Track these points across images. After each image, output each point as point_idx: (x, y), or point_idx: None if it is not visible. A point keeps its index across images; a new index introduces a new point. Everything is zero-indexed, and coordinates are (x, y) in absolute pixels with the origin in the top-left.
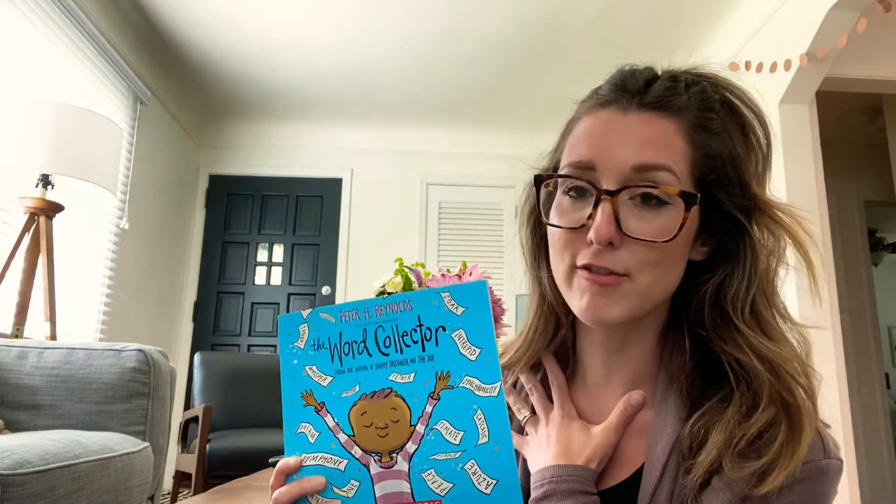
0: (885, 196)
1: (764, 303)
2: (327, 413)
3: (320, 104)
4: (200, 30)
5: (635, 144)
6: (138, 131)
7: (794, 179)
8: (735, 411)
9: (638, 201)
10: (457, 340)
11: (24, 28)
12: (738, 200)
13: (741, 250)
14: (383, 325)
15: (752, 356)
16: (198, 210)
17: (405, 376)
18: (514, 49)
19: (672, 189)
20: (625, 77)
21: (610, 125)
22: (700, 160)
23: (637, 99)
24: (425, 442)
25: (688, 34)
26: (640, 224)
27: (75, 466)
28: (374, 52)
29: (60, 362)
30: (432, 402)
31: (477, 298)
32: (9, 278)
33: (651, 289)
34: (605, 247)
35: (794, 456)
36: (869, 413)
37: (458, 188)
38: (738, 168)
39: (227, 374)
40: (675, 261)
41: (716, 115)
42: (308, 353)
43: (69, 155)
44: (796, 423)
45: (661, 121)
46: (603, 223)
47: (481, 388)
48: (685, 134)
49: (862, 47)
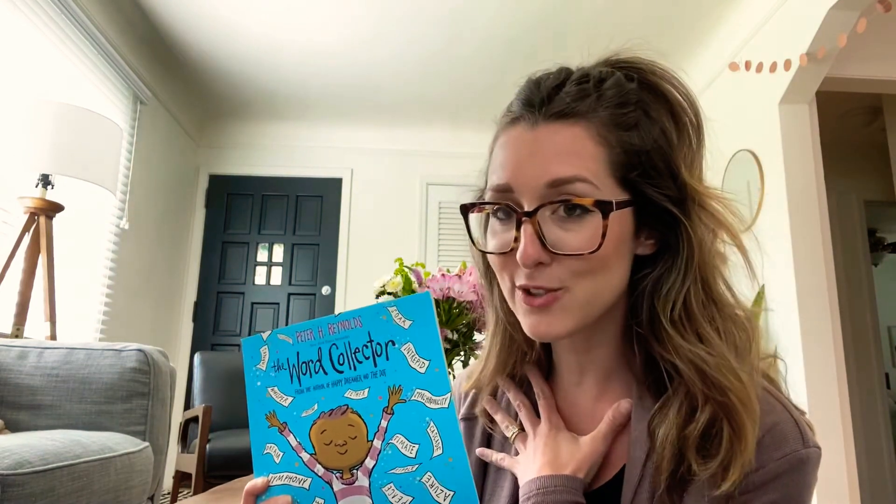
0: (885, 196)
1: (700, 297)
2: (290, 433)
3: (320, 104)
4: (201, 30)
5: (544, 160)
6: (138, 131)
7: (794, 179)
8: (675, 413)
9: (560, 214)
10: (406, 354)
11: (25, 28)
12: (669, 192)
13: (680, 242)
14: (337, 343)
15: (678, 360)
16: (198, 210)
17: (359, 392)
18: (515, 49)
19: (586, 200)
20: (530, 89)
21: (520, 143)
22: (619, 159)
23: (542, 111)
24: (383, 457)
25: (688, 34)
26: (564, 237)
27: (75, 466)
28: (374, 52)
29: (60, 362)
30: (387, 417)
31: (422, 311)
32: (9, 278)
33: (591, 297)
34: (534, 268)
35: (744, 450)
36: (869, 413)
37: (458, 188)
38: (666, 157)
39: (227, 374)
40: (611, 265)
41: (632, 107)
42: (270, 374)
43: (69, 155)
44: (736, 420)
45: (568, 129)
46: (527, 246)
47: (432, 400)
48: (597, 136)
49: (862, 47)
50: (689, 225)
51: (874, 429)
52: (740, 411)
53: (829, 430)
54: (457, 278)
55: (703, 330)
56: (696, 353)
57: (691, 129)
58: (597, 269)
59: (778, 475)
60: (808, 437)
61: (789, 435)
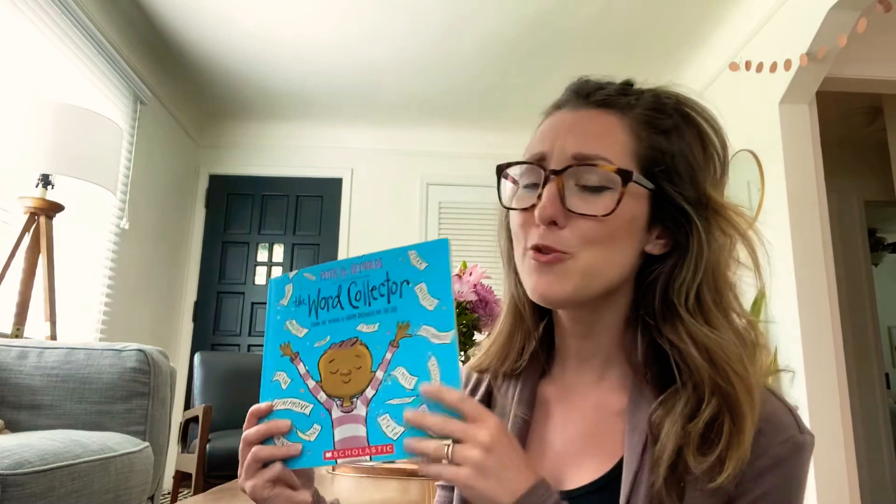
0: (885, 196)
1: (711, 294)
2: (300, 361)
3: (320, 104)
4: (201, 30)
5: (578, 135)
6: (138, 131)
7: (794, 179)
8: (682, 407)
9: (582, 187)
10: (418, 293)
11: (25, 28)
12: (688, 193)
13: (690, 241)
14: (356, 281)
15: (689, 343)
16: (198, 210)
17: (370, 326)
18: (515, 49)
19: (609, 167)
20: (579, 83)
21: (559, 121)
22: (645, 153)
23: (587, 98)
24: (383, 387)
25: (688, 34)
26: (582, 203)
27: (75, 466)
28: (374, 52)
29: (60, 362)
30: (392, 350)
31: (438, 255)
32: (9, 278)
33: (595, 267)
34: (549, 226)
35: (741, 443)
36: (869, 413)
37: (458, 188)
38: (691, 167)
39: (227, 374)
40: (618, 240)
41: (667, 117)
42: (290, 308)
43: (69, 155)
44: (736, 410)
45: (605, 116)
46: (547, 202)
47: (436, 335)
48: (629, 129)
49: (862, 47)
50: (701, 226)
51: (874, 429)
52: (743, 403)
53: (829, 430)
54: (457, 278)
55: (715, 320)
56: (711, 337)
57: (717, 161)
58: (604, 239)
59: (779, 461)
60: (803, 424)
61: (786, 421)
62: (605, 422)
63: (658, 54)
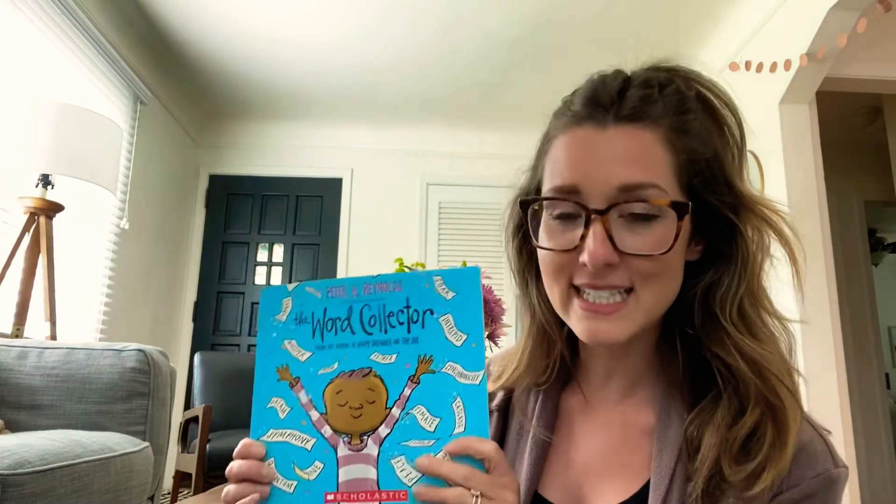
0: (885, 196)
1: (751, 301)
2: (301, 389)
3: (320, 104)
4: (201, 30)
5: (618, 162)
6: (138, 131)
7: (794, 179)
8: (724, 414)
9: (628, 217)
10: (444, 325)
11: (25, 28)
12: (727, 199)
13: (734, 250)
14: (370, 304)
15: (738, 357)
16: (198, 210)
17: (387, 357)
18: (515, 49)
19: (662, 201)
20: (596, 89)
21: (589, 144)
22: (684, 165)
23: (612, 112)
24: (399, 426)
25: (688, 34)
26: (634, 239)
27: (75, 466)
28: (374, 51)
29: (60, 362)
30: (411, 386)
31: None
32: (9, 278)
33: (655, 303)
34: (602, 268)
35: (783, 455)
36: (869, 413)
37: (458, 188)
38: (721, 165)
39: (227, 374)
40: (674, 269)
41: (693, 116)
42: (289, 326)
43: (69, 155)
44: (782, 422)
45: (640, 133)
46: (598, 245)
47: (464, 374)
48: (666, 142)
49: (862, 47)
50: (744, 232)
51: (874, 429)
52: (788, 414)
53: None
54: None
55: (758, 331)
56: (758, 351)
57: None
58: (662, 272)
59: (810, 494)
60: (838, 456)
61: (821, 454)
62: (631, 440)
63: (658, 54)
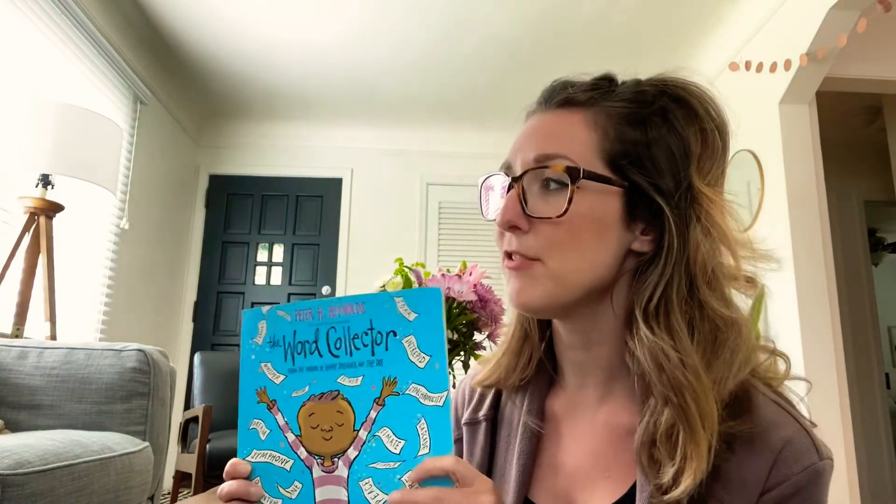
0: (885, 196)
1: (682, 294)
2: (278, 411)
3: (320, 104)
4: (200, 30)
5: (539, 137)
6: (138, 131)
7: (794, 179)
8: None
9: (542, 187)
10: (406, 346)
11: (25, 28)
12: (662, 184)
13: (666, 236)
14: (335, 326)
15: (642, 351)
16: (198, 210)
17: (353, 379)
18: (515, 49)
19: (558, 166)
20: (550, 87)
21: (526, 128)
22: (612, 147)
23: (551, 101)
24: (366, 449)
25: (688, 34)
26: (541, 206)
27: (75, 466)
28: (374, 51)
29: (60, 362)
30: (377, 408)
31: (430, 305)
32: (9, 278)
33: (563, 270)
34: (512, 231)
35: (699, 455)
36: (869, 413)
37: (458, 188)
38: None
39: (227, 374)
40: (587, 242)
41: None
42: (265, 349)
43: (69, 155)
44: (689, 422)
45: (565, 115)
46: (507, 207)
47: (427, 396)
48: (593, 124)
49: (862, 47)
50: (676, 219)
51: (874, 429)
52: (694, 413)
53: (829, 431)
54: (457, 278)
55: (675, 326)
56: (659, 345)
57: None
58: (568, 241)
59: (799, 488)
60: (823, 449)
61: (805, 447)
62: (616, 442)
63: (658, 54)
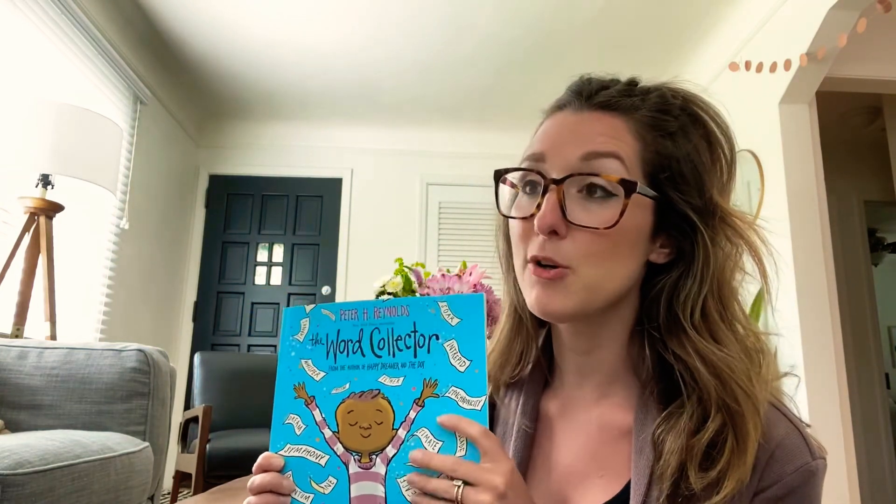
0: (885, 196)
1: (716, 306)
2: (316, 407)
3: (320, 104)
4: (200, 30)
5: (584, 137)
6: (138, 131)
7: (794, 179)
8: (687, 420)
9: (585, 193)
10: (448, 350)
11: (25, 28)
12: (694, 201)
13: (695, 250)
14: (379, 328)
15: (697, 360)
16: (198, 210)
17: (394, 380)
18: (515, 49)
19: (613, 177)
20: (581, 83)
21: (562, 122)
22: (651, 157)
23: (589, 100)
24: (405, 447)
25: (688, 34)
26: (584, 213)
27: (75, 466)
28: (374, 52)
29: (60, 362)
30: (416, 409)
31: (473, 311)
32: (9, 278)
33: (597, 281)
34: (549, 236)
35: (742, 462)
36: (869, 413)
37: (458, 188)
38: (697, 171)
39: (227, 374)
40: (621, 253)
41: (673, 119)
42: (306, 346)
43: (69, 155)
44: (741, 429)
45: (610, 119)
46: (547, 211)
47: (466, 400)
48: (635, 132)
49: (862, 47)
50: (707, 235)
51: (874, 429)
52: (748, 421)
53: (829, 431)
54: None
55: (721, 335)
56: (718, 355)
57: (724, 163)
58: (607, 252)
59: (792, 489)
60: (815, 449)
61: (798, 447)
62: (610, 441)
63: (658, 54)
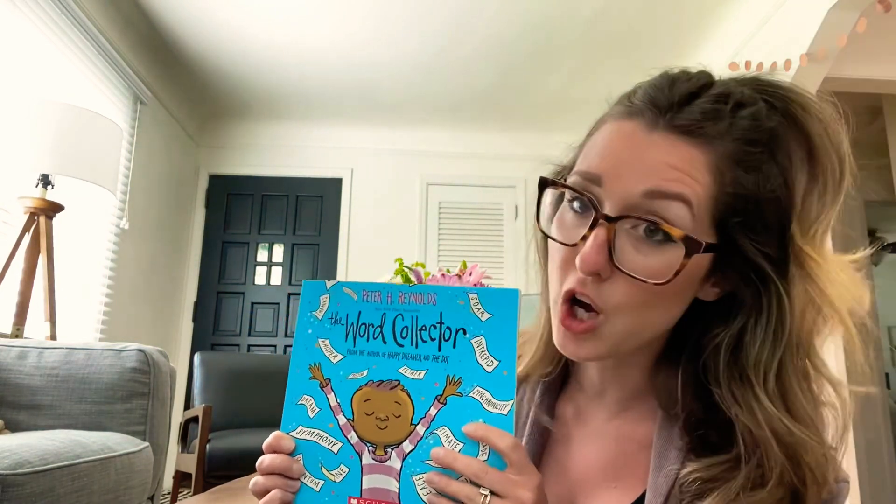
0: (885, 196)
1: (794, 370)
2: (332, 391)
3: (320, 104)
4: (200, 30)
5: (651, 168)
6: (138, 131)
7: None
8: (740, 484)
9: (640, 231)
10: (475, 347)
11: (25, 28)
12: (769, 249)
13: (763, 302)
14: (403, 314)
15: (770, 434)
16: (198, 210)
17: (415, 372)
18: (515, 50)
19: (676, 231)
20: (661, 88)
21: (629, 140)
22: (724, 199)
23: (667, 118)
24: (422, 445)
25: (688, 34)
26: (634, 258)
27: (75, 466)
28: (374, 52)
29: (60, 362)
30: (438, 406)
31: (506, 307)
32: (9, 278)
33: (633, 330)
34: (589, 275)
35: None
36: (869, 413)
37: (458, 188)
38: (780, 211)
39: (227, 374)
40: (666, 304)
41: (761, 148)
42: (325, 325)
43: (69, 155)
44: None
45: (687, 148)
46: (592, 251)
47: (491, 402)
48: (714, 167)
49: (862, 47)
50: (783, 287)
51: (874, 429)
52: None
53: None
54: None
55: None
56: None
57: (830, 181)
58: (650, 303)
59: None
60: (839, 468)
61: None
62: (628, 453)
63: (658, 55)
